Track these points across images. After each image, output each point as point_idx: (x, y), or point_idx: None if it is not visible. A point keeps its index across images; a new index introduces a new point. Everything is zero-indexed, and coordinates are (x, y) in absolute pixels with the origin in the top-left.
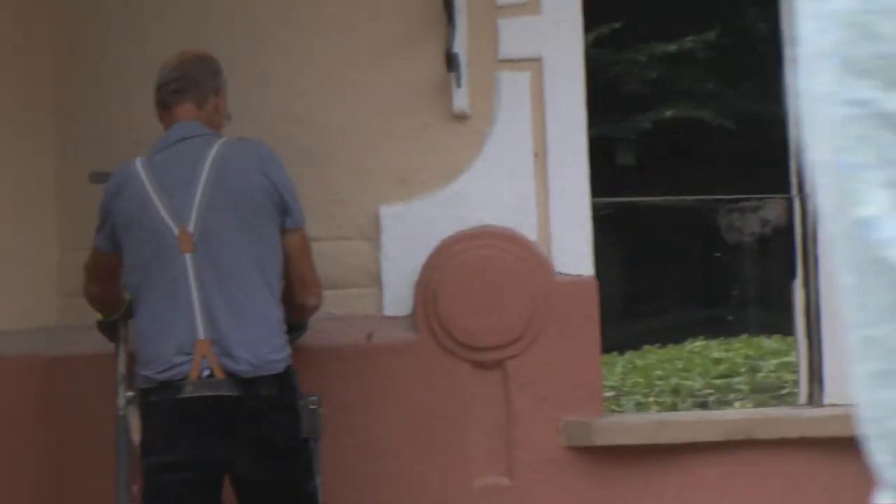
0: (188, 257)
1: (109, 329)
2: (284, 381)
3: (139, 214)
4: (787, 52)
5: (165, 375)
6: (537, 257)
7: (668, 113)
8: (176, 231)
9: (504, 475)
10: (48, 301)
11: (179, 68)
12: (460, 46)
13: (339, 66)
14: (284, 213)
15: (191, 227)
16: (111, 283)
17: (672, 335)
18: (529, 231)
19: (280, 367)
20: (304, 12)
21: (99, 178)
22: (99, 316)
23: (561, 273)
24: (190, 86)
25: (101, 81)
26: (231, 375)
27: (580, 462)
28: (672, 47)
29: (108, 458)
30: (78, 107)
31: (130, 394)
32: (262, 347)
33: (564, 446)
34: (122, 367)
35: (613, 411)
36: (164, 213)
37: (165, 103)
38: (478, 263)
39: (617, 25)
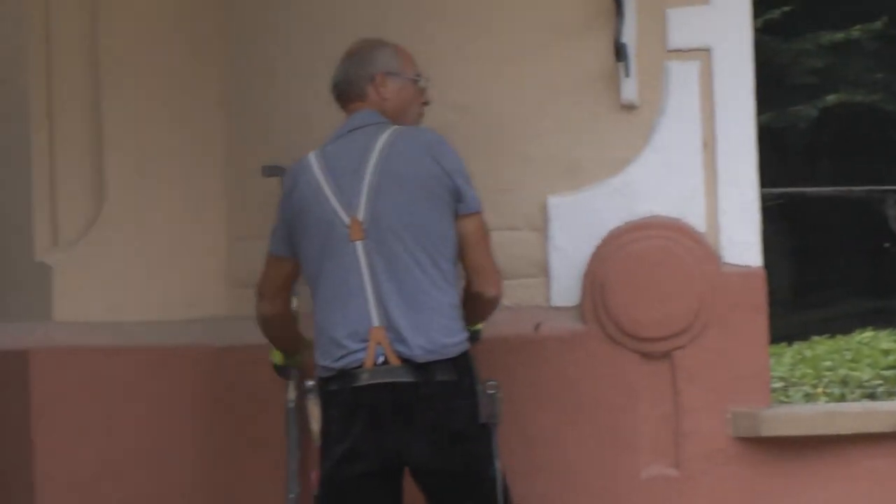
0: (359, 245)
1: (285, 372)
2: (461, 366)
3: (311, 205)
4: None
5: (341, 364)
6: (705, 248)
7: (835, 100)
8: (347, 220)
9: (672, 466)
10: (217, 291)
11: (338, 70)
12: (629, 36)
13: (507, 57)
14: (458, 198)
15: (360, 215)
16: (282, 301)
17: (841, 326)
18: (697, 221)
19: (455, 351)
20: (472, 3)
21: (272, 171)
22: (275, 358)
23: (729, 264)
24: (346, 87)
25: (268, 77)
26: (406, 361)
27: (748, 453)
28: (839, 36)
29: (277, 446)
30: (245, 102)
31: (311, 383)
32: (434, 332)
33: (732, 437)
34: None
35: (781, 402)
36: (334, 202)
37: (339, 104)
38: (646, 254)
39: (784, 11)
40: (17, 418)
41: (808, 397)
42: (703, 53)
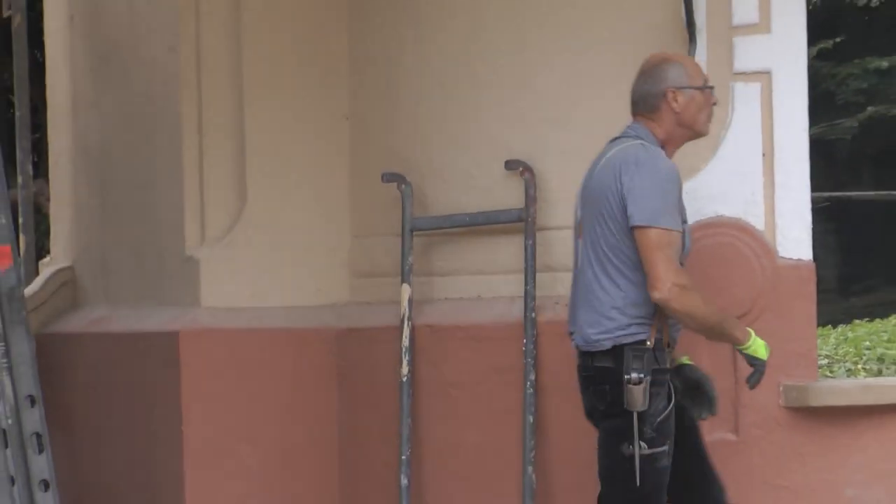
0: (579, 243)
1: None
2: (617, 356)
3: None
4: None
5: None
6: (763, 244)
7: (874, 113)
8: (577, 218)
9: (731, 431)
10: (340, 281)
11: (634, 86)
12: (700, 60)
13: (598, 77)
14: (627, 212)
15: (578, 219)
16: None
17: (879, 311)
18: (757, 221)
19: (605, 345)
20: (570, 30)
21: (391, 178)
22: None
23: (783, 257)
24: (639, 101)
25: (387, 95)
26: (579, 349)
27: (797, 421)
28: (884, 63)
29: (391, 413)
30: (366, 117)
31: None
32: (588, 327)
33: (783, 407)
34: (405, 341)
35: (827, 377)
36: (576, 204)
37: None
38: (713, 249)
39: (836, 41)
40: (168, 390)
41: (850, 373)
42: (764, 76)
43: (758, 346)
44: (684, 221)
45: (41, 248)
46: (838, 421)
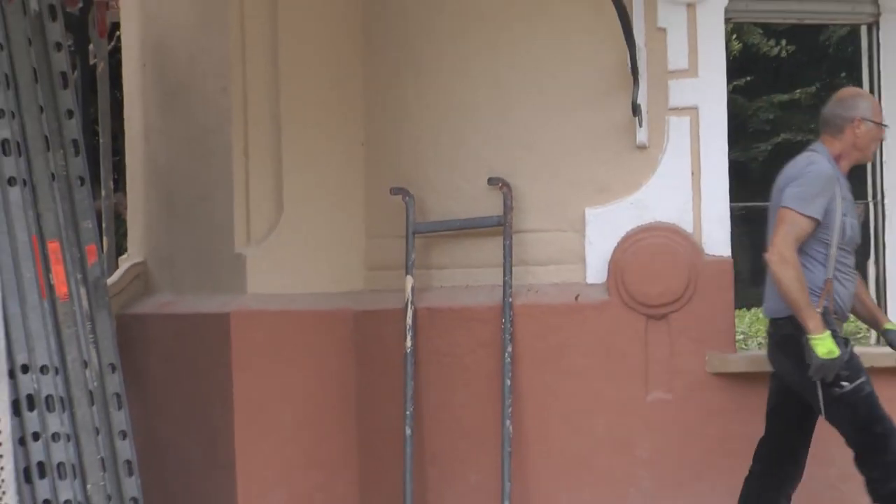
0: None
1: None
2: (795, 324)
3: None
4: None
5: None
6: (692, 243)
7: (785, 140)
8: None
9: (667, 392)
10: (357, 273)
11: (828, 107)
12: (642, 98)
13: (561, 111)
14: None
15: (770, 208)
16: None
17: None
18: (687, 225)
19: (784, 314)
20: (538, 73)
21: (398, 191)
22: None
23: (708, 254)
24: (827, 122)
25: (395, 121)
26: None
27: (719, 384)
28: (785, 97)
29: (397, 377)
30: (379, 141)
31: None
32: (767, 300)
33: (709, 372)
34: (409, 320)
35: (742, 349)
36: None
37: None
38: (652, 248)
39: (747, 80)
40: (221, 360)
41: (760, 346)
42: (692, 111)
43: (822, 343)
44: (845, 215)
45: (120, 247)
46: (751, 384)
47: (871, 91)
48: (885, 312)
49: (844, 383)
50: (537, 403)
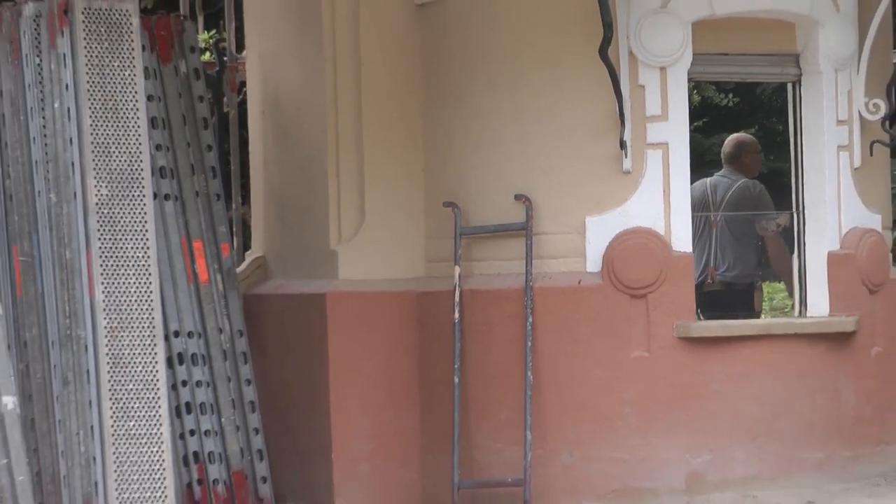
0: None
1: None
2: None
3: None
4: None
5: None
6: (664, 243)
7: None
8: None
9: (645, 351)
10: (419, 264)
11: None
12: (627, 136)
13: (568, 143)
14: None
15: None
16: None
17: None
18: (660, 230)
19: None
20: (551, 116)
21: (448, 204)
22: None
23: (675, 251)
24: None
25: (446, 152)
26: None
27: (683, 345)
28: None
29: (449, 344)
30: (436, 165)
31: None
32: None
33: (676, 337)
34: (456, 299)
35: (700, 320)
36: None
37: None
38: (634, 246)
39: (705, 121)
40: (319, 328)
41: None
42: (664, 146)
43: None
44: None
45: (246, 246)
46: (707, 346)
47: (795, 133)
48: (806, 297)
49: None
50: (550, 360)
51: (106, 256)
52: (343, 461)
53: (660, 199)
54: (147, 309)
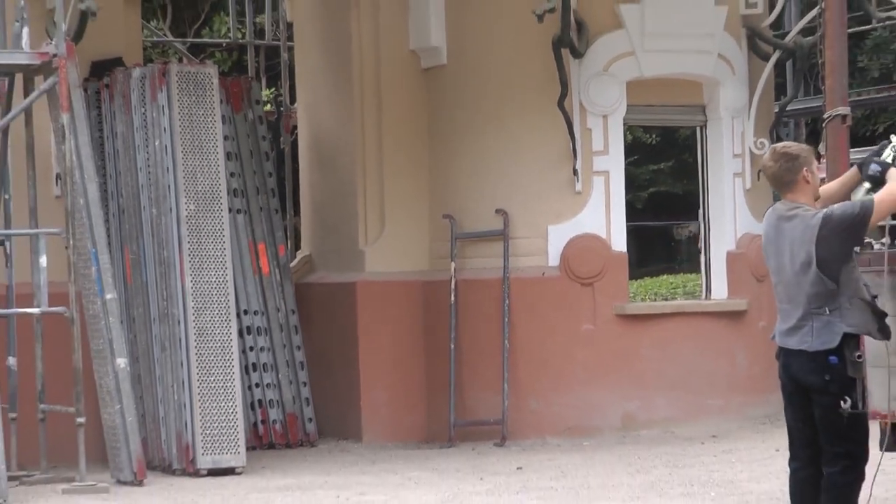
0: None
1: None
2: None
3: None
4: None
5: None
6: (606, 244)
7: (657, 190)
8: None
9: (592, 325)
10: (425, 260)
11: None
12: (579, 166)
13: (536, 172)
14: None
15: None
16: None
17: (653, 274)
18: (603, 235)
19: None
20: (521, 149)
21: (446, 216)
22: None
23: (614, 250)
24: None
25: (445, 175)
26: None
27: (619, 320)
28: (655, 166)
29: (445, 327)
30: (436, 186)
31: None
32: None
33: (614, 314)
34: (452, 286)
35: (632, 301)
36: None
37: None
38: (584, 247)
39: (634, 158)
40: (351, 309)
41: (642, 299)
42: (606, 173)
43: None
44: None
45: (297, 246)
46: (637, 321)
47: (702, 164)
48: (710, 285)
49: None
50: (521, 332)
51: (193, 255)
52: (368, 406)
53: (603, 212)
54: (224, 293)
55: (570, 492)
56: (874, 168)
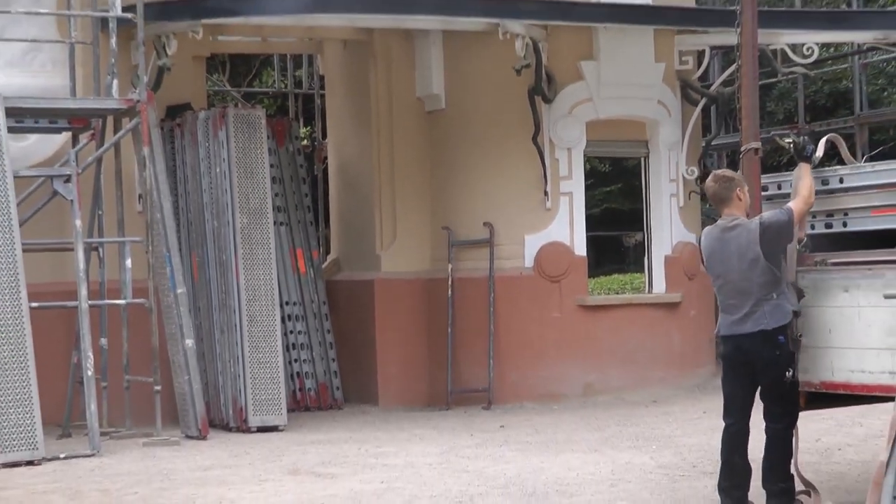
0: None
1: None
2: None
3: None
4: None
5: None
6: (570, 249)
7: (608, 207)
8: None
9: (559, 313)
10: (428, 262)
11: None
12: (549, 189)
13: (516, 193)
14: None
15: None
16: None
17: (609, 272)
18: (567, 242)
19: None
20: (503, 175)
21: (445, 228)
22: None
23: (576, 255)
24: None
25: (443, 196)
26: None
27: (582, 311)
28: (608, 189)
29: (443, 318)
30: (436, 204)
31: None
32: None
33: (576, 305)
34: (450, 282)
35: (591, 295)
36: None
37: None
38: (553, 252)
39: (590, 182)
40: (369, 301)
41: (598, 294)
42: (570, 194)
43: None
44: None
45: (327, 251)
46: (595, 310)
47: (645, 186)
48: (652, 281)
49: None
50: (504, 319)
51: (245, 258)
52: (383, 377)
53: (567, 225)
54: (270, 288)
55: (542, 445)
56: (809, 149)
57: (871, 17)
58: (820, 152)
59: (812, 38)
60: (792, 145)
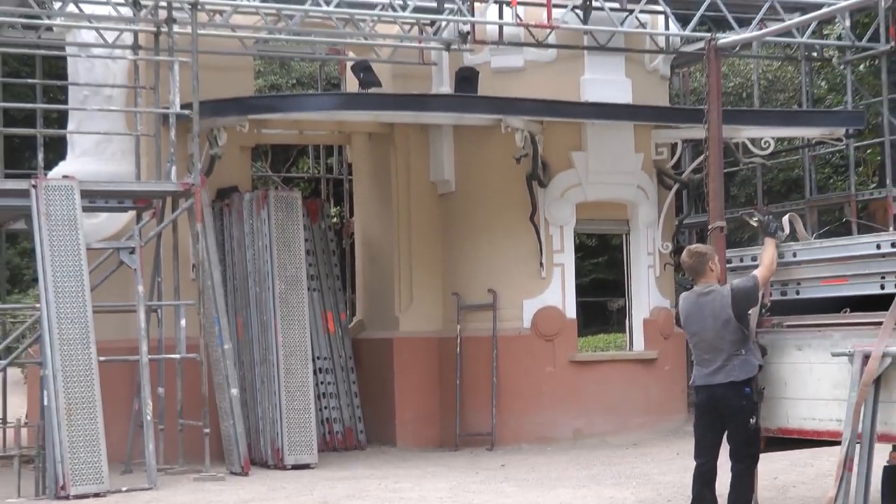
0: None
1: None
2: None
3: None
4: None
5: None
6: (562, 313)
7: (593, 277)
8: None
9: (553, 367)
10: (439, 323)
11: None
12: (544, 260)
13: (514, 263)
14: None
15: None
16: None
17: (593, 332)
18: (560, 306)
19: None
20: (495, 242)
21: (454, 294)
22: None
23: (567, 317)
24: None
25: (452, 261)
26: None
27: (572, 364)
28: (595, 260)
29: (454, 366)
30: (447, 269)
31: None
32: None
33: (569, 360)
34: (458, 341)
35: (580, 352)
36: None
37: None
38: (547, 315)
39: (580, 255)
40: (389, 358)
41: (587, 351)
42: (562, 265)
43: None
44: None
45: (353, 313)
46: (584, 365)
47: (626, 259)
48: (633, 340)
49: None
50: (505, 372)
51: (283, 319)
52: (401, 422)
53: (560, 291)
54: (303, 345)
55: (537, 482)
56: (773, 226)
57: (819, 116)
58: (787, 229)
59: (769, 133)
60: (758, 223)
